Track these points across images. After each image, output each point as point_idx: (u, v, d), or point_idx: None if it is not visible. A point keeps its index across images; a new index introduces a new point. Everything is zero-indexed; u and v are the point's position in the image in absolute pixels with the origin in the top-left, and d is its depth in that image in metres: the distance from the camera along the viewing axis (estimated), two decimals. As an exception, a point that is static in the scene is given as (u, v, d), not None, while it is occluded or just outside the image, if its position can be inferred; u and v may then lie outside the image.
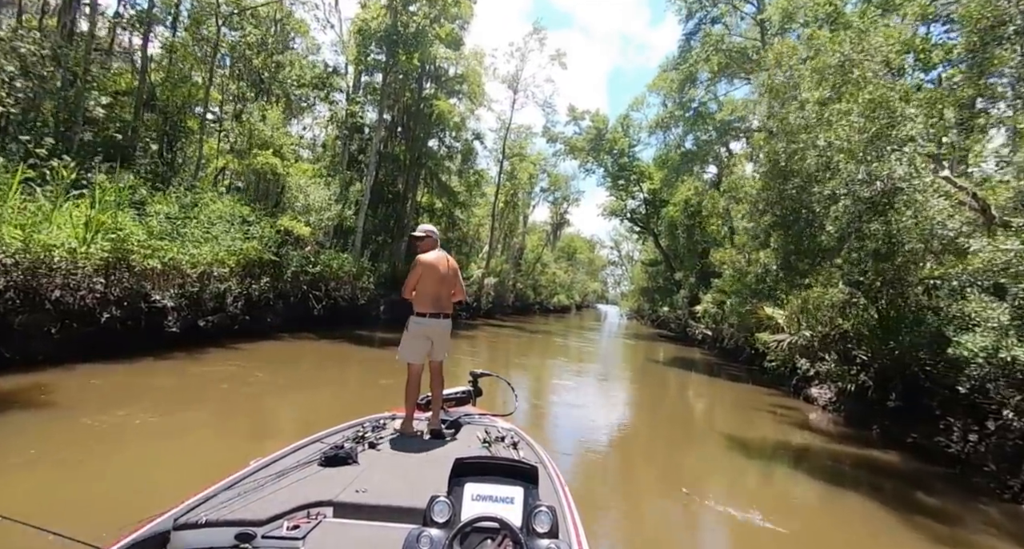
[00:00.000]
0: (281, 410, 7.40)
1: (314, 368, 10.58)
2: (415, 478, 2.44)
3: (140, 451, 5.01)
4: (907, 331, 8.49)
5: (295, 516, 1.98)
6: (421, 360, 3.55)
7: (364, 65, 18.28)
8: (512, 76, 30.07)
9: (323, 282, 14.98)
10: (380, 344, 14.89)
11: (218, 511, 1.95)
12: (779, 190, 7.77)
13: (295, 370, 9.95)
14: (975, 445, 7.13)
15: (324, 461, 2.53)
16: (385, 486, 2.30)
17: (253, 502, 2.03)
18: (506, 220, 37.70)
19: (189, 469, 4.59)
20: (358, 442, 2.86)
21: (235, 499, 2.05)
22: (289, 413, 7.34)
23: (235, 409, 6.92)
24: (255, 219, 12.02)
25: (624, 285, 79.84)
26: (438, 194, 26.13)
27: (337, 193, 15.66)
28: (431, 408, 3.53)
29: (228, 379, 8.04)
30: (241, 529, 1.84)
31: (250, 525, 1.88)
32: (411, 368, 3.51)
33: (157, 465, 4.70)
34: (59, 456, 4.60)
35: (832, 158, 6.69)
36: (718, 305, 21.72)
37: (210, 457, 5.05)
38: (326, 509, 2.07)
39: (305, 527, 1.91)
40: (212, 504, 2.01)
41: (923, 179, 5.97)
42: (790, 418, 10.38)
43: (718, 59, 22.04)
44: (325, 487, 2.22)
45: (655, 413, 10.76)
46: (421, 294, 3.52)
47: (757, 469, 7.26)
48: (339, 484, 2.26)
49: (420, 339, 3.53)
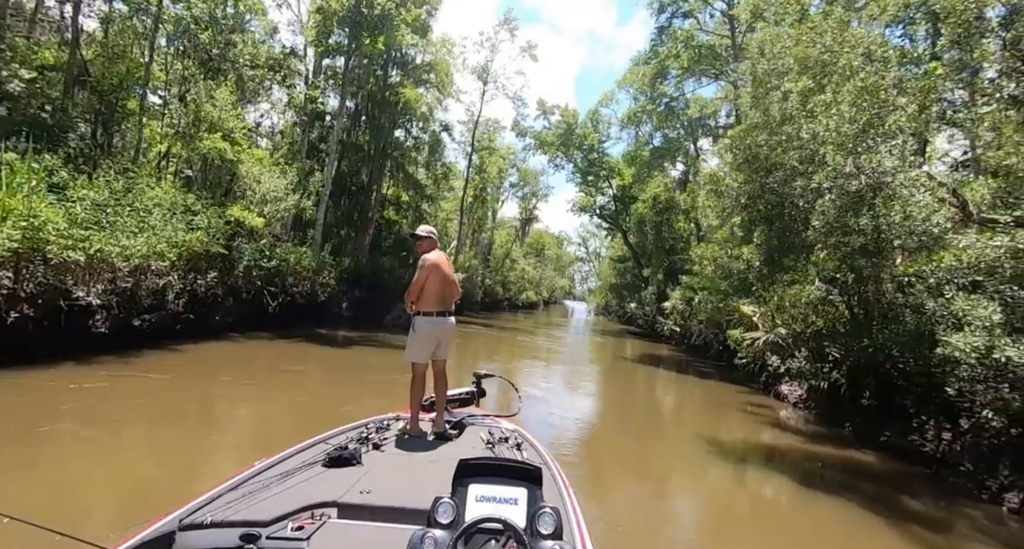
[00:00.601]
0: (221, 432, 6.37)
1: (267, 372, 9.72)
2: (419, 479, 2.44)
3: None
4: (880, 328, 8.46)
5: (299, 517, 1.99)
6: (426, 359, 3.56)
7: (325, 47, 17.24)
8: (482, 67, 29.37)
9: (279, 278, 14.01)
10: (343, 343, 14.08)
11: (223, 512, 1.96)
12: (761, 184, 7.56)
13: (243, 374, 9.09)
14: (950, 444, 7.09)
15: (328, 462, 2.52)
16: (389, 487, 2.30)
17: (258, 503, 2.04)
18: (475, 215, 37.02)
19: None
20: (362, 443, 2.85)
21: (240, 500, 2.05)
22: (230, 435, 6.20)
23: (147, 437, 5.84)
24: (201, 208, 10.99)
25: (591, 281, 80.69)
26: (404, 187, 25.23)
27: (295, 182, 14.65)
28: (435, 409, 3.52)
29: (150, 392, 6.94)
30: (246, 530, 1.86)
31: (255, 526, 1.88)
32: (416, 368, 3.51)
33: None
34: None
35: (817, 150, 6.49)
36: (687, 302, 21.82)
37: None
38: (330, 510, 2.07)
39: (309, 528, 1.91)
40: (217, 505, 2.02)
41: (908, 173, 5.81)
42: (761, 416, 10.30)
43: (688, 55, 22.06)
44: (329, 488, 2.22)
45: (624, 415, 10.47)
46: (427, 293, 3.52)
47: (729, 469, 7.09)
48: (343, 485, 2.26)
49: (428, 339, 3.53)
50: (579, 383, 13.34)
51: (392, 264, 22.54)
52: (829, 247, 6.91)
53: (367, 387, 9.19)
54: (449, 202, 35.11)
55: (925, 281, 7.07)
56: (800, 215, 7.21)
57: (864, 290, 7.99)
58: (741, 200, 8.01)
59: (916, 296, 7.44)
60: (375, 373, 10.38)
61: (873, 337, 8.27)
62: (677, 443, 8.74)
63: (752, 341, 9.87)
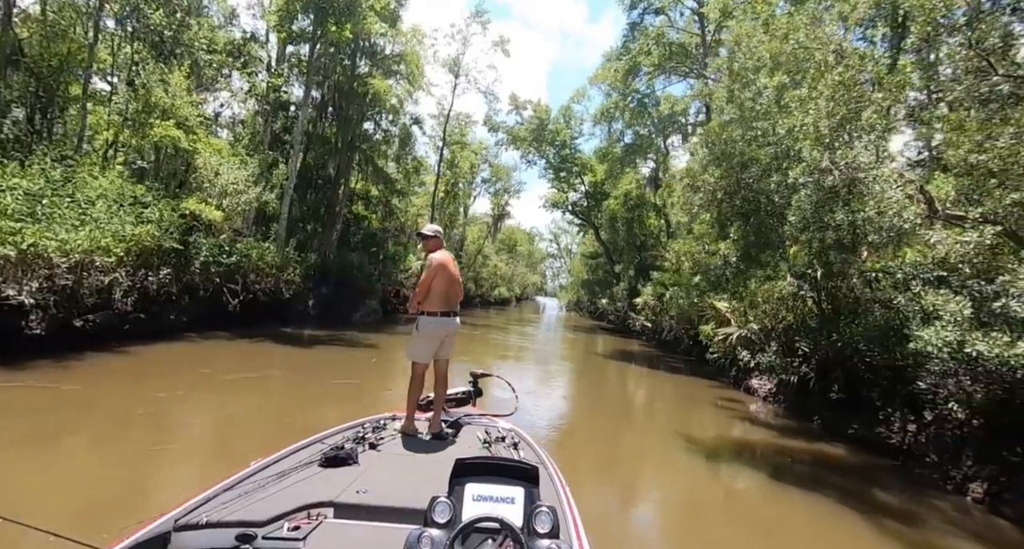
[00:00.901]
0: (166, 446, 5.60)
1: (223, 375, 9.10)
2: (416, 479, 2.43)
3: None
4: (848, 323, 8.61)
5: (296, 517, 1.98)
6: (429, 360, 3.52)
7: (288, 33, 16.47)
8: (453, 60, 28.88)
9: (240, 274, 13.33)
10: (309, 343, 13.53)
11: (219, 512, 1.95)
12: (737, 179, 7.54)
13: (195, 377, 8.49)
14: (915, 436, 7.25)
15: (324, 462, 2.51)
16: (386, 487, 2.29)
17: (253, 503, 2.03)
18: (446, 210, 36.51)
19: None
20: (358, 443, 2.84)
21: (236, 500, 2.04)
22: (176, 451, 5.36)
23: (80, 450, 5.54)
24: (152, 200, 10.27)
25: (563, 278, 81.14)
26: (374, 181, 24.55)
27: (256, 174, 13.93)
28: (432, 409, 3.49)
29: (82, 400, 6.37)
30: (242, 530, 1.84)
31: (251, 526, 1.87)
32: (416, 367, 3.47)
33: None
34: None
35: (793, 145, 6.49)
36: (658, 297, 22.04)
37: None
38: (327, 510, 2.07)
39: (306, 528, 1.90)
40: (213, 505, 2.01)
41: (881, 169, 5.86)
42: (732, 410, 10.40)
43: (659, 53, 22.17)
44: (326, 488, 2.21)
45: (597, 411, 10.38)
46: (433, 293, 3.47)
47: (701, 464, 7.09)
48: (340, 485, 2.25)
49: (432, 339, 3.49)
50: (551, 381, 13.21)
51: (361, 260, 21.91)
52: (803, 242, 6.96)
53: (335, 391, 8.76)
54: (420, 197, 34.49)
55: (892, 276, 7.19)
56: (776, 210, 7.24)
57: (833, 285, 8.10)
58: (717, 195, 7.99)
59: (884, 291, 7.57)
60: (342, 374, 9.96)
61: (841, 331, 8.41)
62: (649, 439, 8.72)
63: (725, 336, 9.93)
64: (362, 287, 21.06)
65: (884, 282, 7.91)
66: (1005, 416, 5.88)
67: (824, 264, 7.17)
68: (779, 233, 7.12)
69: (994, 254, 5.18)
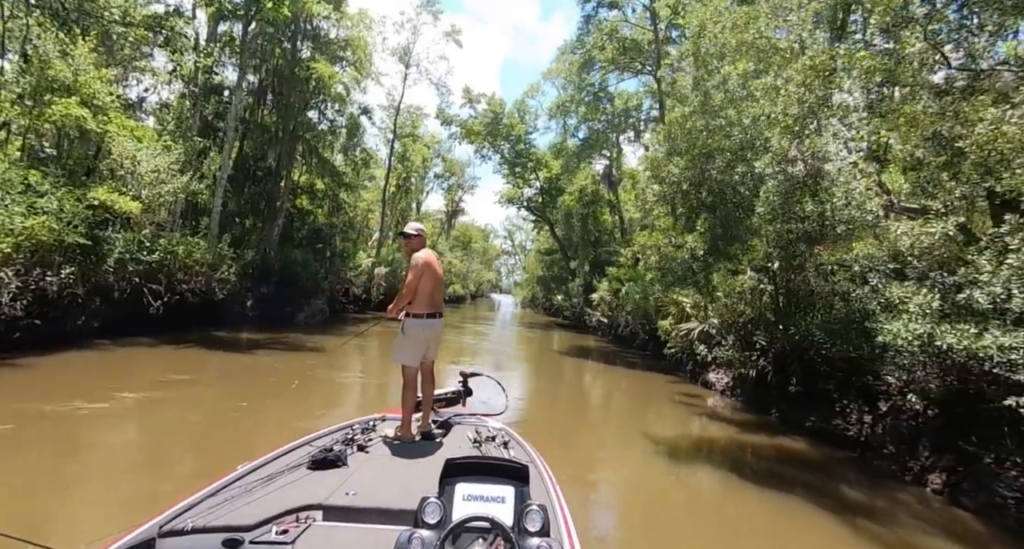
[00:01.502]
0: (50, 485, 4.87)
1: (138, 388, 7.98)
2: (405, 480, 2.42)
3: None
4: (803, 316, 8.64)
5: (284, 520, 1.95)
6: (418, 362, 3.42)
7: (217, 8, 15.03)
8: (403, 49, 27.76)
9: (164, 273, 12.00)
10: (246, 347, 12.38)
11: (204, 517, 1.91)
12: (701, 170, 7.34)
13: (102, 392, 7.35)
14: (871, 427, 7.31)
15: (313, 464, 2.47)
16: (375, 488, 2.28)
17: (240, 507, 1.99)
18: (398, 206, 35.30)
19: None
20: (347, 444, 2.81)
21: (222, 504, 2.00)
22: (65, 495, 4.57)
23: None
24: (49, 188, 8.91)
25: (518, 274, 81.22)
26: (319, 173, 23.15)
27: (182, 162, 12.55)
28: (421, 409, 3.43)
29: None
30: (228, 535, 1.82)
31: (238, 530, 1.85)
32: (407, 371, 3.39)
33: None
34: None
35: (760, 134, 6.33)
36: (614, 293, 22.09)
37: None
38: (315, 513, 2.04)
39: (294, 531, 1.88)
40: (198, 510, 1.97)
41: (847, 159, 5.77)
42: (691, 405, 10.33)
43: (613, 48, 22.14)
44: (314, 490, 2.18)
45: (554, 409, 10.04)
46: (420, 295, 3.37)
47: (661, 459, 6.88)
48: (329, 487, 2.23)
49: (420, 341, 3.40)
50: (508, 382, 12.76)
51: (306, 257, 20.59)
52: (766, 235, 6.83)
53: (275, 404, 7.86)
54: (371, 192, 33.14)
55: (848, 269, 7.18)
56: (743, 202, 7.09)
57: (791, 278, 8.07)
58: (683, 186, 7.77)
59: (840, 284, 7.58)
60: (282, 382, 9.05)
61: (798, 324, 8.42)
62: (607, 435, 8.48)
63: (687, 331, 9.79)
64: (307, 286, 19.80)
65: (840, 275, 7.96)
66: (960, 406, 5.94)
67: (785, 257, 7.09)
68: (747, 225, 6.98)
69: (956, 245, 5.15)
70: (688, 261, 7.97)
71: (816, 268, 8.04)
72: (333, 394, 9.19)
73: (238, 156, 20.77)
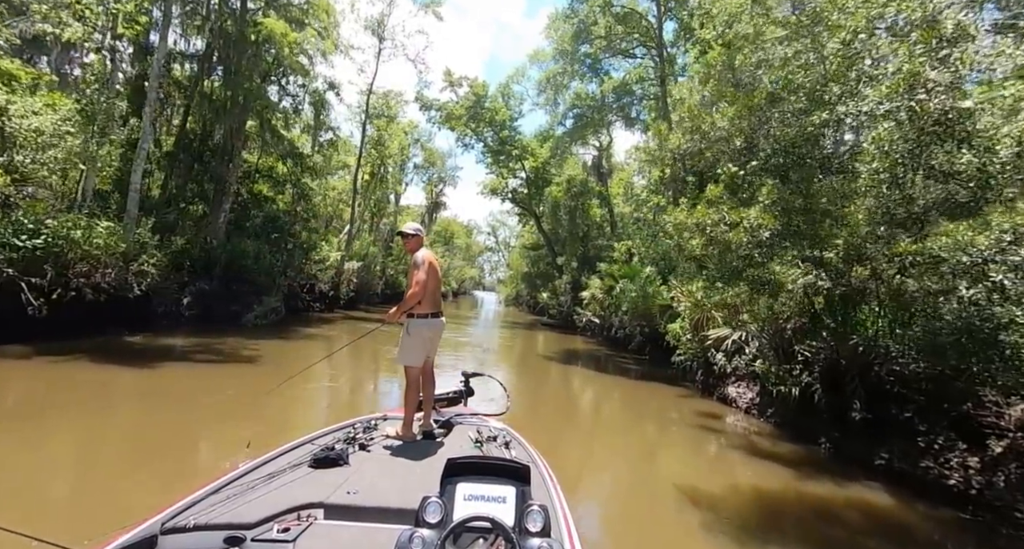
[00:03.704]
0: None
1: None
2: (407, 479, 2.43)
3: None
4: (874, 322, 6.64)
5: (285, 518, 1.96)
6: (421, 362, 3.43)
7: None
8: (377, 21, 25.31)
9: (54, 264, 9.53)
10: (164, 356, 9.75)
11: (206, 515, 1.92)
12: (760, 119, 5.29)
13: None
14: (982, 474, 5.35)
15: (314, 463, 2.48)
16: (376, 487, 2.29)
17: (242, 505, 2.00)
18: (372, 196, 32.78)
19: None
20: (349, 443, 2.82)
21: (224, 502, 2.01)
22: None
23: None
24: None
25: (501, 271, 79.52)
26: (279, 154, 20.59)
27: (79, 122, 9.99)
28: (423, 409, 3.43)
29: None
30: (230, 532, 1.82)
31: (239, 528, 1.85)
32: (410, 371, 3.40)
33: None
34: None
35: (860, 55, 4.31)
36: (606, 291, 20.09)
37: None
38: (317, 511, 2.05)
39: (296, 529, 1.89)
40: (200, 507, 1.98)
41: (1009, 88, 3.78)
42: (712, 429, 8.30)
43: (605, 22, 20.08)
44: (316, 489, 2.20)
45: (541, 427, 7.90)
46: (425, 294, 3.37)
47: (691, 515, 4.73)
48: (330, 486, 2.25)
49: (424, 341, 3.43)
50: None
51: (260, 249, 18.00)
52: (881, 206, 4.76)
53: (190, 460, 5.55)
54: (343, 181, 30.63)
55: (947, 261, 5.17)
56: (831, 164, 5.03)
57: (858, 272, 6.07)
58: (735, 142, 5.67)
59: (931, 279, 5.58)
60: (203, 420, 6.71)
61: (866, 331, 6.43)
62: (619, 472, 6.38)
63: (717, 339, 7.74)
64: (260, 281, 17.32)
65: (923, 268, 5.94)
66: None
67: (847, 246, 5.01)
68: (844, 192, 4.92)
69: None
70: (748, 247, 5.80)
71: (891, 259, 5.99)
72: (260, 427, 6.83)
73: (180, 131, 18.19)
